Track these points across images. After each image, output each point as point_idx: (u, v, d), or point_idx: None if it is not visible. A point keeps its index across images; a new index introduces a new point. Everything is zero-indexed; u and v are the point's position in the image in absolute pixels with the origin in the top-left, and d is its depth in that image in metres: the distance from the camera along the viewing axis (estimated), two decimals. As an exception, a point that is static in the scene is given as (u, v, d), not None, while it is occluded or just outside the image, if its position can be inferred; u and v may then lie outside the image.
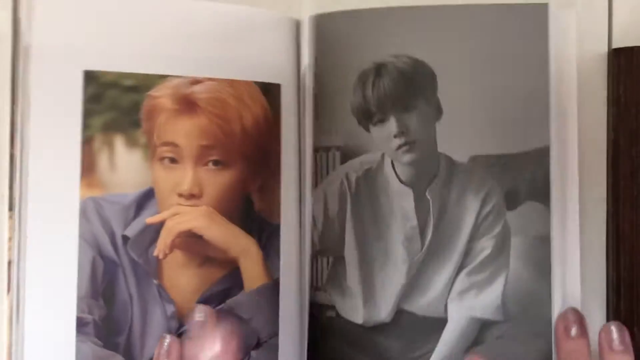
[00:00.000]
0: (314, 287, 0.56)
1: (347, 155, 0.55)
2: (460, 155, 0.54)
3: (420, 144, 0.54)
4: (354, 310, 0.55)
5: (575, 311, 0.52)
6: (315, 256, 0.56)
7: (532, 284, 0.53)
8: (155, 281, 0.52)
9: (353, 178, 0.55)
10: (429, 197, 0.54)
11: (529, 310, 0.53)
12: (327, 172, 0.56)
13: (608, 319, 0.58)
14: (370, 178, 0.55)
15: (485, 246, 0.53)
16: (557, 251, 0.53)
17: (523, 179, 0.53)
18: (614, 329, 0.51)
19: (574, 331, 0.51)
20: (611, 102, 0.58)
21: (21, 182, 0.49)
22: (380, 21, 0.54)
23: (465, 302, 0.53)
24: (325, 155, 0.56)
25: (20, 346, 0.48)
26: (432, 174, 0.54)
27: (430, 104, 0.54)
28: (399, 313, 0.54)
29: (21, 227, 0.49)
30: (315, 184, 0.56)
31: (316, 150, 0.56)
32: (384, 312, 0.54)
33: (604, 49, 0.60)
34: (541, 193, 0.53)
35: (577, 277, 0.54)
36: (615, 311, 0.57)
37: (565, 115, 0.54)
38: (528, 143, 0.53)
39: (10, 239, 0.50)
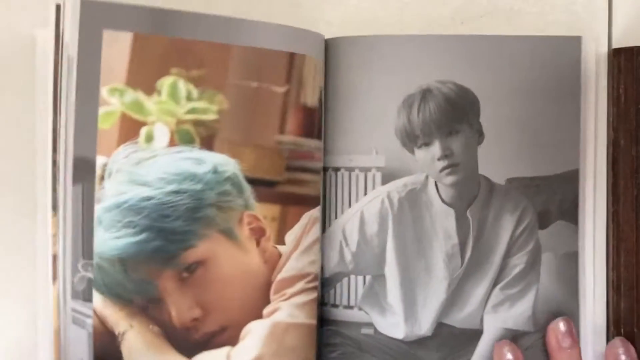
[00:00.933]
0: (342, 306, 0.57)
1: (388, 176, 0.56)
2: (499, 177, 0.56)
3: (463, 166, 0.56)
4: (394, 326, 0.56)
5: (566, 321, 0.55)
6: (344, 275, 0.56)
7: (560, 296, 0.56)
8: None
9: (395, 198, 0.56)
10: (469, 216, 0.56)
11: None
12: (365, 192, 0.56)
13: (608, 319, 0.58)
14: (413, 198, 0.56)
15: (519, 262, 0.56)
16: (584, 267, 0.56)
17: (554, 200, 0.56)
18: (619, 343, 0.54)
19: (566, 342, 0.54)
20: (611, 102, 0.58)
21: (65, 187, 0.51)
22: (426, 47, 0.56)
23: (500, 314, 0.56)
24: (364, 175, 0.56)
25: (66, 331, 0.52)
26: (472, 194, 0.56)
27: (473, 128, 0.56)
28: (439, 327, 0.56)
29: (65, 226, 0.53)
30: (348, 203, 0.56)
31: (349, 169, 0.56)
32: (425, 326, 0.56)
33: (604, 49, 0.60)
34: (570, 213, 0.56)
35: (603, 293, 0.56)
36: (615, 311, 0.58)
37: (597, 141, 0.56)
38: (559, 166, 0.56)
39: (54, 235, 0.53)
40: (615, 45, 0.60)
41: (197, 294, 0.51)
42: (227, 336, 0.52)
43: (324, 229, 0.57)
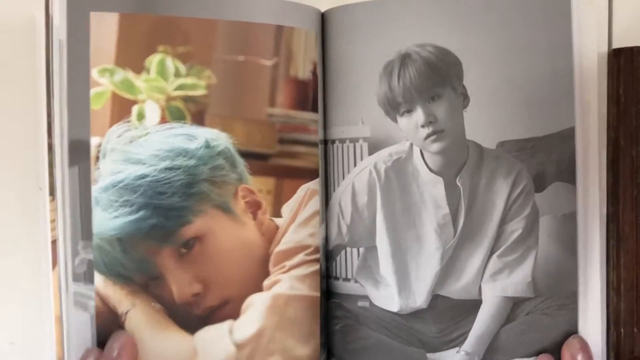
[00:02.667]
0: (342, 278, 0.57)
1: (374, 146, 0.56)
2: (489, 142, 0.54)
3: (449, 132, 0.55)
4: (389, 299, 0.56)
5: (580, 340, 0.53)
6: (342, 248, 0.57)
7: (559, 260, 0.54)
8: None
9: (382, 169, 0.56)
10: (459, 184, 0.55)
11: (556, 285, 0.54)
12: (355, 164, 0.56)
13: (608, 319, 0.58)
14: (399, 168, 0.56)
15: (516, 228, 0.55)
16: (582, 228, 0.55)
17: (550, 161, 0.54)
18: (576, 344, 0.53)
19: (580, 358, 0.52)
20: (611, 102, 0.59)
21: (62, 170, 0.52)
22: (402, 11, 0.55)
23: (498, 282, 0.55)
24: (353, 147, 0.56)
25: (68, 316, 0.53)
26: (461, 161, 0.55)
27: (457, 92, 0.54)
28: (435, 298, 0.55)
29: (64, 209, 0.54)
30: (343, 175, 0.57)
31: (342, 141, 0.57)
32: (419, 299, 0.55)
33: (604, 49, 0.60)
34: (567, 173, 0.54)
35: (597, 251, 0.55)
36: (615, 311, 0.58)
37: (587, 99, 0.55)
38: (554, 126, 0.54)
39: (53, 220, 0.55)
40: (615, 45, 0.60)
41: (196, 269, 0.53)
42: (229, 310, 0.53)
43: (327, 202, 0.57)
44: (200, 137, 0.52)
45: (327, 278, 0.57)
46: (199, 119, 0.52)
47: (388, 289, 0.56)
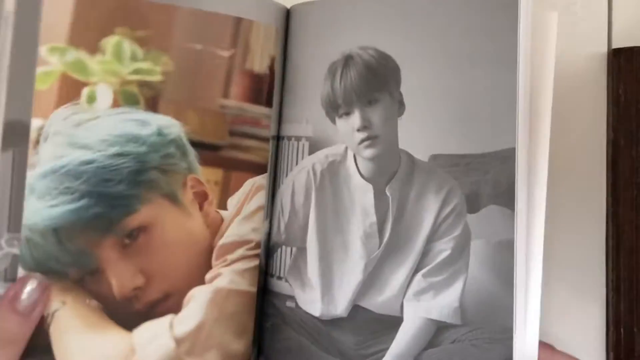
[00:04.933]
0: (276, 276, 0.58)
1: (314, 146, 0.56)
2: (421, 153, 0.54)
3: (382, 139, 0.55)
4: (312, 302, 0.57)
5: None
6: (279, 245, 0.58)
7: (493, 289, 0.52)
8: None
9: (318, 170, 0.57)
10: (388, 194, 0.55)
11: (489, 316, 0.52)
12: (297, 162, 0.57)
13: (608, 319, 0.60)
14: (333, 171, 0.56)
15: (444, 248, 0.54)
16: (521, 258, 0.51)
17: (486, 181, 0.52)
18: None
19: None
20: (611, 102, 0.61)
21: None
22: (349, 11, 0.55)
23: (422, 303, 0.54)
24: (297, 145, 0.57)
25: None
26: (392, 170, 0.55)
27: (394, 98, 0.54)
28: (355, 309, 0.55)
29: None
30: (286, 172, 0.58)
31: (288, 138, 0.58)
32: (340, 307, 0.56)
33: (604, 49, 0.62)
34: (505, 197, 0.51)
35: (538, 285, 0.52)
36: (615, 311, 0.59)
37: (537, 116, 0.52)
38: (492, 144, 0.52)
39: None
40: (615, 45, 0.62)
41: (140, 261, 0.52)
42: (170, 303, 0.53)
43: (273, 198, 0.58)
44: (152, 123, 0.52)
45: (265, 274, 0.58)
46: (152, 105, 0.52)
47: (312, 292, 0.57)
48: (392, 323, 0.54)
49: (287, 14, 0.58)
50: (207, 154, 0.53)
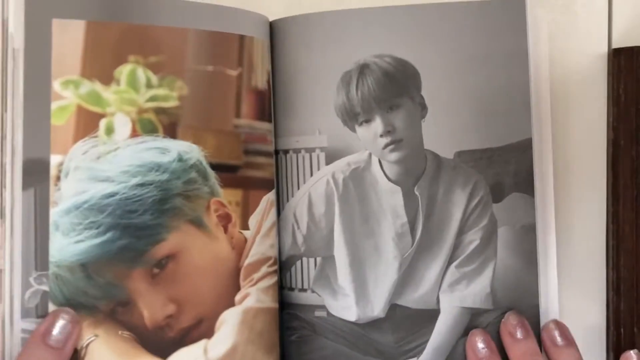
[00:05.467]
0: (297, 289, 0.58)
1: (331, 155, 0.57)
2: (446, 152, 0.56)
3: (407, 142, 0.57)
4: (346, 309, 0.57)
5: (515, 315, 0.55)
6: (297, 258, 0.58)
7: (519, 272, 0.56)
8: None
9: (340, 178, 0.57)
10: (417, 193, 0.57)
11: (517, 297, 0.56)
12: (311, 174, 0.58)
13: (608, 319, 0.61)
14: (358, 177, 0.57)
15: (474, 238, 0.57)
16: (541, 240, 0.56)
17: (507, 172, 0.56)
18: (552, 326, 0.55)
19: (519, 333, 0.54)
20: (611, 102, 0.61)
21: (13, 193, 0.49)
22: (359, 22, 0.57)
23: (457, 293, 0.57)
24: (309, 156, 0.58)
25: (11, 358, 0.49)
26: (419, 171, 0.57)
27: (415, 102, 0.57)
28: (393, 308, 0.57)
29: (13, 236, 0.50)
30: (297, 185, 0.58)
31: (296, 151, 0.58)
32: (377, 308, 0.57)
33: (604, 49, 0.62)
34: (525, 184, 0.56)
35: (554, 264, 0.56)
36: (615, 311, 0.60)
37: (540, 109, 0.56)
38: (511, 136, 0.56)
39: (0, 247, 0.50)
40: (615, 45, 0.62)
41: (170, 289, 0.52)
42: (203, 329, 0.53)
43: (279, 212, 0.58)
44: (172, 150, 0.52)
45: (280, 289, 0.58)
46: (170, 132, 0.51)
47: (346, 299, 0.58)
48: (429, 316, 0.57)
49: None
50: (226, 176, 0.54)
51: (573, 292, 0.60)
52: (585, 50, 0.62)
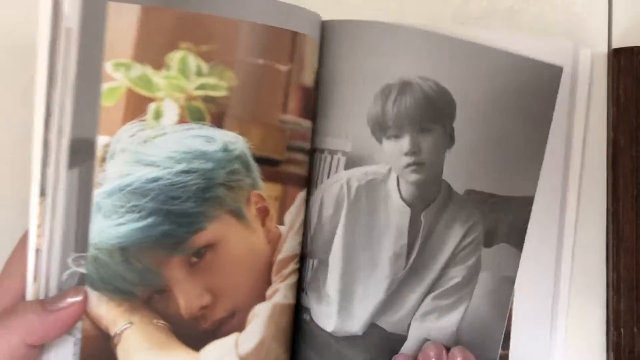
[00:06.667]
0: (300, 288, 0.58)
1: (352, 161, 0.58)
2: (459, 186, 0.57)
3: (429, 166, 0.57)
4: (326, 317, 0.58)
5: (435, 345, 0.55)
6: (304, 257, 0.58)
7: (486, 320, 0.57)
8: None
9: (354, 185, 0.57)
10: (422, 219, 0.57)
11: (478, 345, 0.56)
12: (329, 175, 0.58)
13: (608, 319, 0.61)
14: (372, 189, 0.57)
15: (456, 275, 0.57)
16: (524, 296, 0.57)
17: (504, 221, 0.57)
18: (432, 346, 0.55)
19: None
20: (611, 102, 0.61)
21: (57, 172, 0.49)
22: (409, 40, 0.57)
23: (426, 323, 0.57)
24: (330, 158, 0.58)
25: None
26: (431, 197, 0.57)
27: (446, 131, 0.57)
28: (371, 327, 0.57)
29: (54, 215, 0.50)
30: (316, 185, 0.59)
31: (321, 151, 0.58)
32: (357, 324, 0.57)
33: (604, 49, 0.63)
34: (516, 238, 0.57)
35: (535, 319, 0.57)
36: (615, 311, 0.60)
37: (568, 171, 0.58)
38: (517, 189, 0.57)
39: (39, 226, 0.50)
40: (615, 45, 0.62)
41: (207, 279, 0.52)
42: (236, 321, 0.53)
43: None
44: (218, 139, 0.52)
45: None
46: (217, 121, 0.52)
47: (328, 307, 0.57)
48: (397, 342, 0.57)
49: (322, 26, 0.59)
50: (268, 170, 0.54)
51: (573, 292, 0.60)
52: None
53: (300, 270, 0.58)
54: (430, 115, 0.57)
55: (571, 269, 0.58)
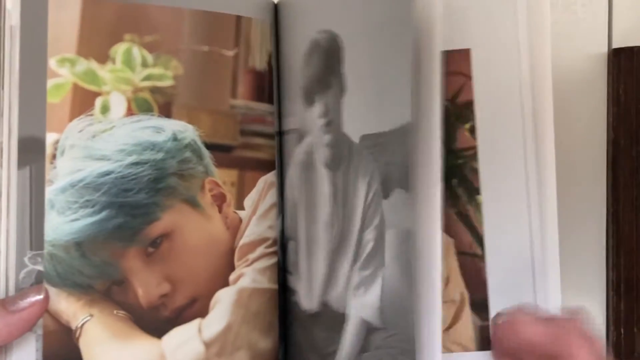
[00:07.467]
0: (289, 272, 0.58)
1: (301, 139, 0.56)
2: (355, 135, 0.52)
3: (334, 123, 0.54)
4: (300, 296, 0.57)
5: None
6: (289, 240, 0.58)
7: (401, 289, 0.47)
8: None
9: (299, 162, 0.57)
10: (338, 181, 0.54)
11: (399, 320, 0.47)
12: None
13: (608, 319, 0.62)
14: (307, 162, 0.56)
15: (370, 238, 0.51)
16: (423, 250, 0.45)
17: (394, 162, 0.49)
18: None
19: None
20: (611, 102, 0.62)
21: (9, 172, 0.49)
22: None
23: (358, 299, 0.51)
24: (292, 139, 0.57)
25: None
26: (340, 156, 0.54)
27: (339, 80, 0.54)
28: (323, 304, 0.55)
29: (9, 215, 0.50)
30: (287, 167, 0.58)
31: (287, 133, 0.58)
32: (314, 301, 0.56)
33: (604, 49, 0.63)
34: (406, 178, 0.46)
35: (438, 290, 0.45)
36: (615, 311, 0.61)
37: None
38: (396, 119, 0.48)
39: (-5, 227, 0.51)
40: (615, 45, 0.63)
41: (165, 268, 0.53)
42: (197, 308, 0.54)
43: (282, 193, 0.59)
44: (167, 129, 0.52)
45: (283, 271, 0.59)
46: (165, 111, 0.52)
47: (302, 285, 0.57)
48: (341, 321, 0.53)
49: (275, 8, 0.59)
50: (221, 156, 0.54)
51: (573, 292, 0.61)
52: (585, 50, 0.62)
53: (285, 254, 0.59)
54: (329, 68, 0.54)
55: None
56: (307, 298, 0.56)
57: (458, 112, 0.55)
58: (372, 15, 0.51)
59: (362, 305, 0.51)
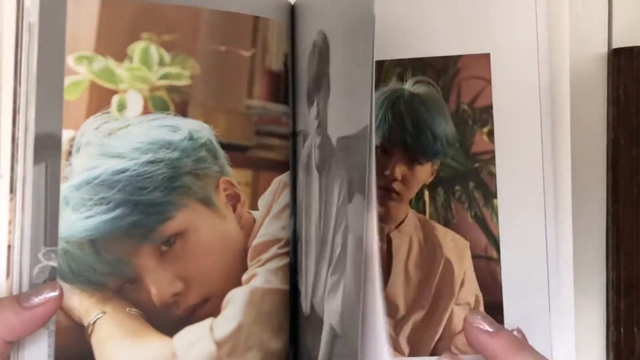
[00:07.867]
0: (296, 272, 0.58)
1: (305, 140, 0.56)
2: (334, 137, 0.51)
3: (323, 125, 0.54)
4: (302, 298, 0.57)
5: (475, 312, 0.52)
6: (297, 241, 0.58)
7: (354, 297, 0.46)
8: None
9: (302, 164, 0.57)
10: (323, 183, 0.54)
11: (351, 330, 0.46)
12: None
13: (608, 319, 0.61)
14: (308, 163, 0.56)
15: (338, 243, 0.50)
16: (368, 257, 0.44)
17: (356, 166, 0.47)
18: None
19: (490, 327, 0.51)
20: (611, 102, 0.62)
21: (25, 168, 0.50)
22: None
23: (329, 304, 0.51)
24: (300, 141, 0.57)
25: None
26: (324, 158, 0.54)
27: (328, 81, 0.53)
28: (312, 308, 0.55)
29: (23, 211, 0.51)
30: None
31: (300, 134, 0.57)
32: (307, 304, 0.56)
33: (604, 49, 0.63)
34: (363, 183, 0.45)
35: (380, 305, 0.44)
36: (615, 311, 0.60)
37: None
38: (359, 121, 0.46)
39: (10, 222, 0.51)
40: (615, 45, 0.63)
41: (178, 267, 0.53)
42: (209, 307, 0.54)
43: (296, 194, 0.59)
44: (183, 128, 0.53)
45: (295, 272, 0.59)
46: (181, 110, 0.52)
47: (302, 288, 0.57)
48: (320, 327, 0.53)
49: (292, 10, 0.59)
50: (236, 156, 0.54)
51: (573, 292, 0.59)
52: (585, 50, 0.62)
53: (297, 256, 0.58)
54: (322, 68, 0.53)
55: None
56: (304, 300, 0.56)
57: (476, 116, 0.56)
58: (345, 15, 0.50)
59: (330, 310, 0.51)
